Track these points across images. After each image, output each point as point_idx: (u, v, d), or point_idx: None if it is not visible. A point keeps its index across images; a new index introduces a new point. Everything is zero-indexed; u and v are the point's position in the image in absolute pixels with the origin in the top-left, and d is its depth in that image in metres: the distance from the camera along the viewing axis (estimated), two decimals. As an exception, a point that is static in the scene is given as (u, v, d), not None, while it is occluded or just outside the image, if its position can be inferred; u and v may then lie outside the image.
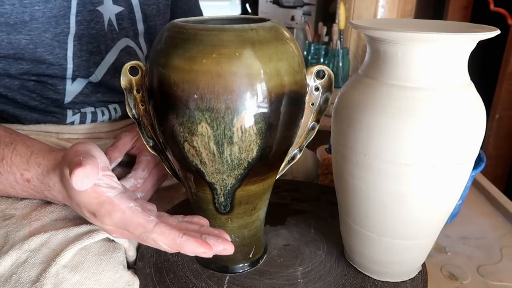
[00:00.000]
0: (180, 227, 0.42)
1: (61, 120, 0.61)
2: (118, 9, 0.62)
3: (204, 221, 0.45)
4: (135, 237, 0.41)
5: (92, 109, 0.64)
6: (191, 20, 0.43)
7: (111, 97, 0.65)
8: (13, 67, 0.56)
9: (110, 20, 0.61)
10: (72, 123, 0.62)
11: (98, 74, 0.62)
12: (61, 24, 0.56)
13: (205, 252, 0.39)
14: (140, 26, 0.66)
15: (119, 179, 0.54)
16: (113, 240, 0.47)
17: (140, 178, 0.56)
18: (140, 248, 0.51)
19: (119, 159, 0.56)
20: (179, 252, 0.43)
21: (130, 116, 0.45)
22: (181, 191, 0.65)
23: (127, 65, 0.43)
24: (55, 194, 0.45)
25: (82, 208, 0.42)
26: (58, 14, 0.55)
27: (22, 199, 0.52)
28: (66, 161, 0.42)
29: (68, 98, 0.61)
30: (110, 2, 0.61)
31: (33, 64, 0.57)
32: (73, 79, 0.60)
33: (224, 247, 0.40)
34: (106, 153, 0.56)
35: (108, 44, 0.62)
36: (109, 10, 0.61)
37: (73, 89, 0.61)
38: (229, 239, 0.41)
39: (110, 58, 0.63)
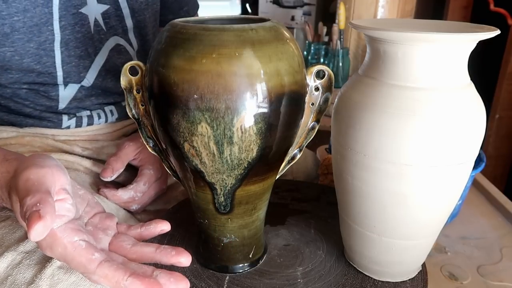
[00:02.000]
0: (132, 256, 0.39)
1: (57, 125, 0.61)
2: (104, 7, 0.60)
3: (164, 225, 0.43)
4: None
5: (88, 112, 0.63)
6: (191, 20, 0.43)
7: (105, 99, 0.64)
8: (3, 77, 0.55)
9: (96, 20, 0.59)
10: (68, 127, 0.62)
11: (90, 78, 0.61)
12: (44, 32, 0.54)
13: None
14: (129, 22, 0.64)
15: (119, 184, 0.54)
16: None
17: (140, 191, 0.56)
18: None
19: (121, 170, 0.56)
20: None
21: (130, 116, 0.45)
22: (180, 190, 0.65)
23: (127, 65, 0.43)
24: (8, 206, 0.42)
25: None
26: (40, 22, 0.53)
27: None
28: (16, 187, 0.38)
29: (62, 105, 0.60)
30: (95, 2, 0.58)
31: (23, 73, 0.56)
32: (65, 84, 0.59)
33: (176, 287, 0.36)
34: (108, 163, 0.56)
35: (96, 46, 0.60)
36: (94, 10, 0.59)
37: (66, 94, 0.60)
38: (184, 277, 0.37)
39: (99, 60, 0.61)
